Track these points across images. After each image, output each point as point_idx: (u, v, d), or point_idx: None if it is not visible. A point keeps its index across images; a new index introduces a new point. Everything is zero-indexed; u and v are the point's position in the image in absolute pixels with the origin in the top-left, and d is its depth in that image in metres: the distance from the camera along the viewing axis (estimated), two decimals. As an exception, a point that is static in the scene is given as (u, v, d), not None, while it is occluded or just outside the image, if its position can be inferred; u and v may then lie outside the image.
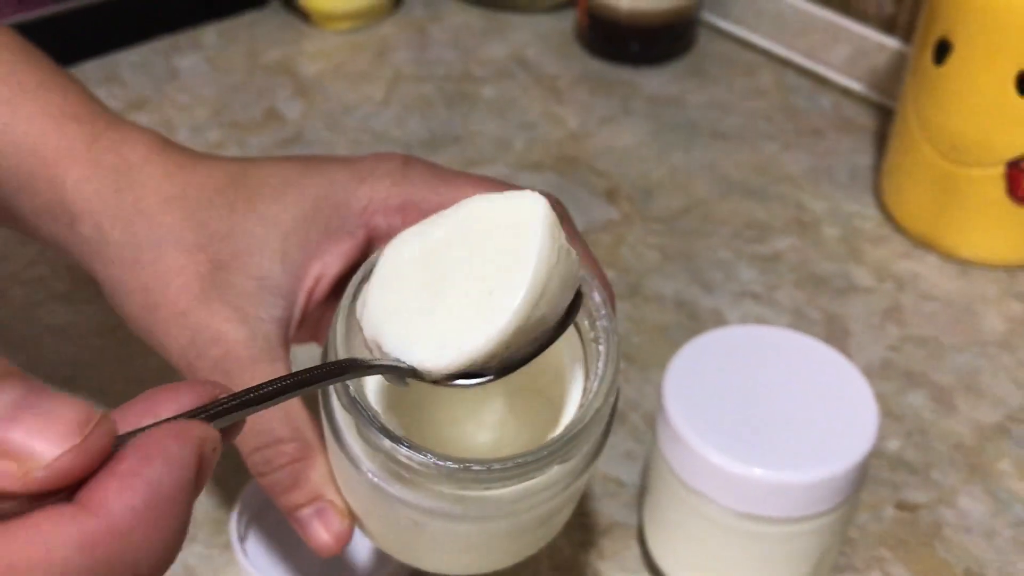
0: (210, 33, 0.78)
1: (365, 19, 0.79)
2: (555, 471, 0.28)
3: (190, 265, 0.33)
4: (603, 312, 0.31)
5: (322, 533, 0.33)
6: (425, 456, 0.27)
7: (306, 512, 0.33)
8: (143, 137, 0.37)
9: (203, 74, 0.73)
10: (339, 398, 0.28)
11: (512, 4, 0.81)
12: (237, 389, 0.32)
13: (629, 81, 0.75)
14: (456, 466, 0.27)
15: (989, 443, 0.50)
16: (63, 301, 0.56)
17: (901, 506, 0.47)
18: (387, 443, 0.27)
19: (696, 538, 0.40)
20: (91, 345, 0.53)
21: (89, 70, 0.73)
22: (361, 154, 0.37)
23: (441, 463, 0.27)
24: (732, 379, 0.39)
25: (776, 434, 0.37)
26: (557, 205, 0.35)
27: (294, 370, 0.33)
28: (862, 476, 0.38)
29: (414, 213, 0.35)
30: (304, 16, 0.79)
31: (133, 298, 0.34)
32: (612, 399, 0.29)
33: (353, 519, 0.33)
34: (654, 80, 0.75)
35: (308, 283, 0.34)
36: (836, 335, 0.55)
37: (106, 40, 0.75)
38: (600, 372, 0.29)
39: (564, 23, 0.81)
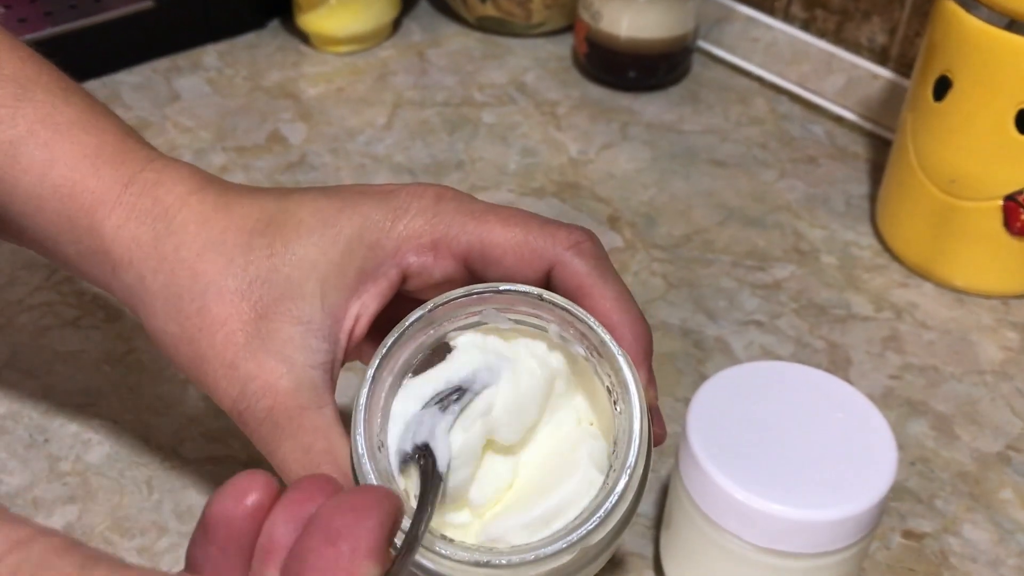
0: (210, 54, 0.78)
1: (365, 43, 0.79)
2: (578, 553, 0.29)
3: (233, 315, 0.34)
4: (625, 376, 0.30)
5: None
6: (445, 554, 0.28)
7: None
8: (179, 176, 0.36)
9: (204, 96, 0.74)
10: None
11: (510, 29, 0.82)
12: (285, 439, 0.33)
13: (627, 107, 0.76)
14: (474, 558, 0.28)
15: (991, 472, 0.51)
16: (71, 327, 0.56)
17: (908, 535, 0.48)
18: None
19: (717, 571, 0.40)
20: (102, 372, 0.53)
21: (90, 91, 0.72)
22: (394, 184, 0.37)
23: (460, 555, 0.28)
24: (754, 415, 0.40)
25: (799, 470, 0.38)
26: (594, 243, 0.35)
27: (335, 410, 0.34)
28: (881, 511, 0.39)
29: (444, 251, 0.35)
30: (304, 38, 0.79)
31: (180, 349, 0.35)
32: (635, 485, 0.29)
33: None
34: (651, 107, 0.77)
35: (348, 324, 0.35)
36: (839, 363, 0.56)
37: (106, 61, 0.75)
38: (621, 456, 0.29)
39: (561, 48, 0.82)
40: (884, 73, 0.74)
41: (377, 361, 0.31)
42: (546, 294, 0.32)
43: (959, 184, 0.58)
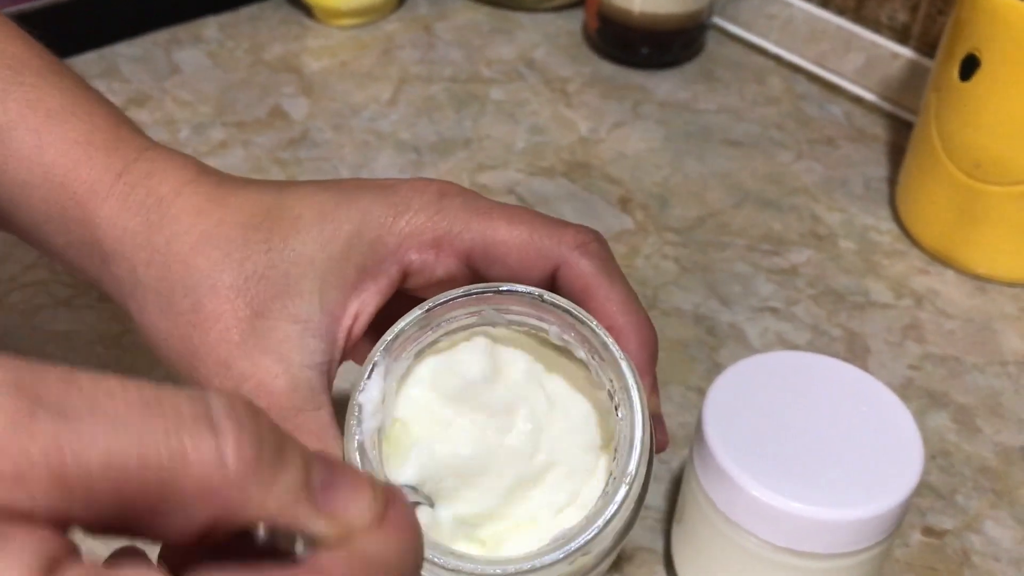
0: (211, 26, 0.76)
1: (370, 15, 0.77)
2: (576, 564, 0.28)
3: (228, 312, 0.32)
4: (627, 382, 0.29)
5: None
6: (448, 562, 0.27)
7: None
8: (173, 165, 0.35)
9: (205, 69, 0.72)
10: None
11: (519, 3, 0.80)
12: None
13: (639, 85, 0.74)
14: (468, 567, 0.27)
15: (1015, 467, 0.49)
16: (65, 307, 0.54)
17: (928, 532, 0.46)
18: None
19: (732, 569, 0.39)
20: (95, 354, 0.52)
21: (87, 63, 0.71)
22: (392, 179, 0.36)
23: (453, 564, 0.27)
24: (773, 408, 0.38)
25: (820, 467, 0.36)
26: (600, 244, 0.34)
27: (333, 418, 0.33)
28: (905, 511, 0.37)
29: (447, 248, 0.34)
30: (307, 11, 0.77)
31: (171, 344, 0.33)
32: (636, 494, 0.28)
33: None
34: (664, 84, 0.74)
35: (347, 322, 0.33)
36: (857, 352, 0.55)
37: (104, 32, 0.73)
38: (622, 464, 0.28)
39: (572, 23, 0.80)
40: (905, 52, 0.71)
41: (370, 365, 0.30)
42: (547, 295, 0.31)
43: (984, 168, 0.56)
